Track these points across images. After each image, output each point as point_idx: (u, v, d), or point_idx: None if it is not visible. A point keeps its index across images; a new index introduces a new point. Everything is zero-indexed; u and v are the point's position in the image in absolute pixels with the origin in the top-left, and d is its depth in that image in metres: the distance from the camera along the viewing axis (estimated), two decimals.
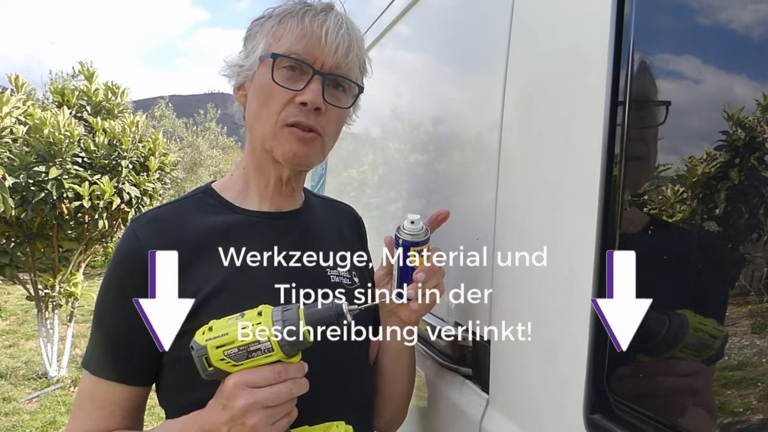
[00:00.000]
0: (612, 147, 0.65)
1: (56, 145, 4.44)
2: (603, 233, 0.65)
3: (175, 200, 1.02)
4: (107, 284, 0.93)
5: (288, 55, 0.91)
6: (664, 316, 0.58)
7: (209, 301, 0.89)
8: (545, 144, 0.82)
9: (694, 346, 0.54)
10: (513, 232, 0.89)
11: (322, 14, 0.94)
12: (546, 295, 0.79)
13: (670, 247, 0.59)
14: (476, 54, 1.11)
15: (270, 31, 0.95)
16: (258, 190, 1.01)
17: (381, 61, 1.88)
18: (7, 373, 5.50)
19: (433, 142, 1.33)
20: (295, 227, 1.02)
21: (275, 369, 0.78)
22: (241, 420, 0.75)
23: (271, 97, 0.92)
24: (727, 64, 0.54)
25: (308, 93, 0.91)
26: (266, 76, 0.92)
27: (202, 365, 0.77)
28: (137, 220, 0.95)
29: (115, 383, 0.91)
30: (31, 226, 4.69)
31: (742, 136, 0.50)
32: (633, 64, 0.63)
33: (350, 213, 1.20)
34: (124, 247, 0.92)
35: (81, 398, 0.94)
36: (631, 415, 0.60)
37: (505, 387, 0.90)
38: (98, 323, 0.95)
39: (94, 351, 0.93)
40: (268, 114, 0.93)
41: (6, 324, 7.47)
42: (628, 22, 0.63)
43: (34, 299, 5.03)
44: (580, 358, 0.67)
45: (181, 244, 0.90)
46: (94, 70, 5.44)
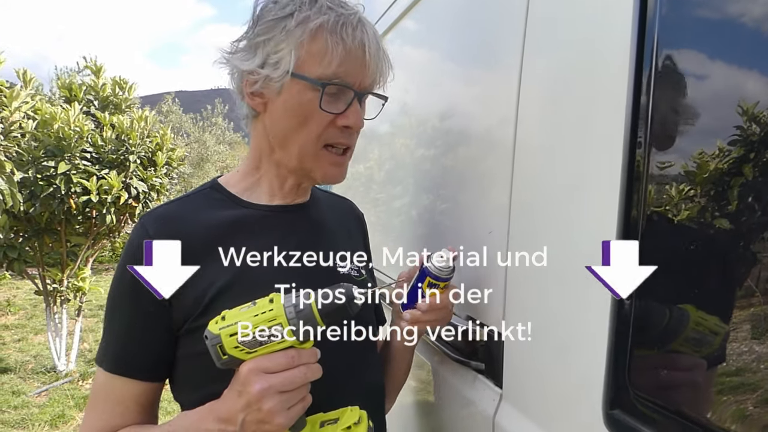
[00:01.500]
0: (633, 141, 0.64)
1: (65, 140, 4.45)
2: (624, 229, 0.64)
3: (183, 196, 1.02)
4: (119, 281, 0.93)
5: (335, 83, 0.89)
6: (686, 310, 0.57)
7: (222, 296, 0.89)
8: (562, 139, 0.81)
9: (717, 341, 0.53)
10: (529, 228, 0.88)
11: (359, 30, 0.90)
12: (562, 290, 0.78)
13: (691, 243, 0.58)
14: (490, 47, 1.10)
15: (300, 42, 0.87)
16: (270, 187, 1.01)
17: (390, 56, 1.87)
18: (16, 367, 5.53)
19: (446, 136, 1.32)
20: (303, 220, 1.02)
21: (289, 354, 0.79)
22: (257, 405, 0.76)
23: (311, 119, 0.90)
24: (749, 59, 0.53)
25: (352, 117, 0.91)
26: (305, 96, 0.89)
27: (216, 354, 0.78)
28: (147, 216, 0.95)
29: (130, 379, 0.91)
30: (40, 220, 4.71)
31: (758, 132, 0.49)
32: (656, 57, 0.62)
33: (353, 209, 1.21)
34: (135, 243, 0.92)
35: (95, 395, 0.94)
36: (653, 410, 0.59)
37: (519, 382, 0.90)
38: (111, 320, 0.95)
39: (107, 348, 0.93)
40: (308, 135, 0.92)
41: (15, 318, 7.52)
42: (651, 14, 0.62)
43: (42, 294, 5.05)
44: (599, 353, 0.66)
45: (191, 239, 0.91)
46: (101, 65, 5.43)
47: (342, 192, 2.43)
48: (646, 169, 0.62)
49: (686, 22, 0.61)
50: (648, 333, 0.62)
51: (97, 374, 0.95)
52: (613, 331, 0.65)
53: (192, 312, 0.89)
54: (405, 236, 1.57)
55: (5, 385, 5.04)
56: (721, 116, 0.55)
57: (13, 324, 7.22)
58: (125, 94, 5.51)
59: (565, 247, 0.78)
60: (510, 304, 0.92)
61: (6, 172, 3.56)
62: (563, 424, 0.77)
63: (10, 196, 3.56)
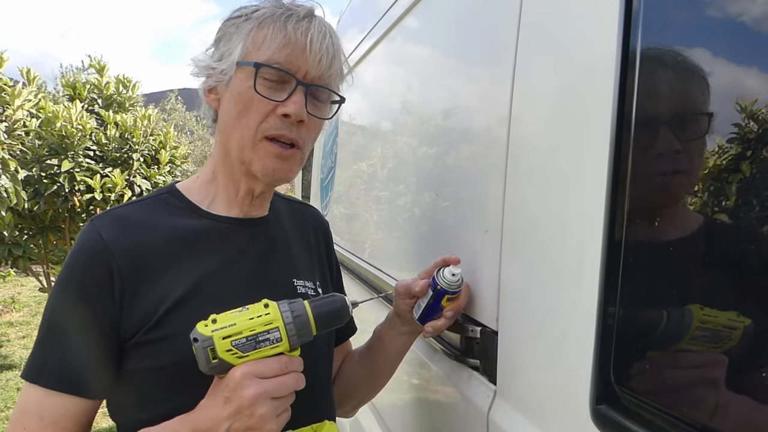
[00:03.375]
0: (620, 140, 0.65)
1: (68, 139, 4.48)
2: (610, 226, 0.66)
3: (139, 200, 0.97)
4: (64, 287, 0.86)
5: (271, 65, 0.86)
6: (669, 308, 0.58)
7: (177, 309, 0.85)
8: (553, 137, 0.82)
9: (699, 339, 0.54)
10: (521, 225, 0.90)
11: (305, 21, 0.89)
12: (553, 287, 0.79)
13: (678, 240, 0.59)
14: (485, 47, 1.11)
15: (248, 34, 0.89)
16: (227, 196, 0.97)
17: (390, 55, 1.88)
18: (21, 363, 5.57)
19: (442, 135, 1.33)
20: (263, 234, 0.99)
21: (282, 360, 0.78)
22: (249, 411, 0.74)
23: (251, 106, 0.88)
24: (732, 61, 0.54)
25: (291, 105, 0.87)
26: (245, 84, 0.88)
27: (206, 357, 0.75)
28: (99, 218, 0.89)
29: (71, 396, 0.83)
30: (44, 218, 4.74)
31: (752, 131, 0.50)
32: (642, 57, 0.63)
33: (316, 218, 1.18)
34: (86, 246, 0.86)
35: (24, 417, 0.83)
36: (637, 405, 0.61)
37: (512, 378, 0.91)
38: (52, 330, 0.86)
39: (46, 361, 0.84)
40: (247, 124, 0.88)
41: (19, 315, 7.56)
42: (636, 14, 0.63)
43: (46, 291, 5.09)
44: (587, 350, 0.68)
45: (147, 245, 0.87)
46: (105, 64, 5.46)
47: (344, 190, 2.45)
48: (630, 166, 0.63)
49: (672, 21, 0.62)
50: (631, 331, 0.63)
51: (27, 393, 0.84)
52: (599, 328, 0.66)
53: (143, 324, 0.84)
54: (401, 235, 1.58)
55: (10, 381, 5.08)
56: (711, 114, 0.56)
57: (17, 321, 7.26)
58: (129, 93, 5.54)
59: (555, 246, 0.79)
60: (504, 303, 0.94)
61: (10, 170, 3.59)
62: (554, 419, 0.78)
63: (14, 193, 3.59)
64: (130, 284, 0.84)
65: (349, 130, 2.49)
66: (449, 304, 1.02)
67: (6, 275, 8.39)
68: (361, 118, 2.28)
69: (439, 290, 1.01)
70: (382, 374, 1.18)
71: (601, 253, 0.66)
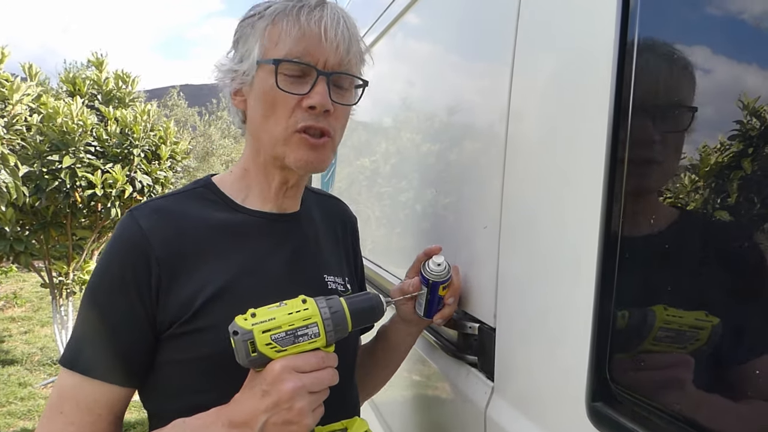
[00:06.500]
0: (617, 138, 0.65)
1: (69, 134, 4.48)
2: (608, 223, 0.65)
3: (176, 191, 0.99)
4: (103, 276, 0.88)
5: (290, 60, 0.87)
6: (660, 308, 0.58)
7: (213, 302, 0.86)
8: (551, 134, 0.82)
9: (691, 337, 0.54)
10: (519, 222, 0.89)
11: (318, 10, 0.89)
12: (551, 285, 0.79)
13: (675, 237, 0.59)
14: (484, 44, 1.11)
15: (264, 32, 0.90)
16: (260, 191, 0.98)
17: (390, 52, 1.88)
18: (23, 358, 5.60)
19: (441, 131, 1.33)
20: (296, 230, 1.01)
21: (319, 355, 0.79)
22: (288, 404, 0.74)
23: (277, 103, 0.88)
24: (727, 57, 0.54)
25: (315, 96, 0.87)
26: (268, 81, 0.88)
27: (246, 350, 0.76)
28: (138, 209, 0.91)
29: (106, 383, 0.85)
30: (45, 214, 4.74)
31: (753, 127, 0.49)
32: (640, 54, 0.63)
33: (344, 212, 1.19)
34: (126, 237, 0.88)
35: (61, 401, 0.85)
36: (632, 402, 0.60)
37: (509, 375, 0.91)
38: (90, 317, 0.87)
39: (83, 348, 0.86)
40: (276, 121, 0.89)
41: (22, 311, 7.59)
42: (634, 9, 0.63)
43: (48, 286, 5.10)
44: (583, 347, 0.67)
45: (184, 237, 0.89)
46: (103, 59, 5.44)
47: (346, 186, 2.45)
48: (627, 164, 0.63)
49: (669, 19, 0.61)
50: (626, 329, 0.63)
51: (64, 378, 0.86)
52: (595, 325, 0.66)
53: (180, 315, 0.85)
54: (400, 231, 1.58)
55: (12, 376, 5.10)
56: (709, 112, 0.56)
57: (19, 316, 7.29)
58: (128, 88, 5.53)
59: (553, 243, 0.79)
60: (502, 300, 0.94)
61: (10, 166, 3.59)
62: (550, 415, 0.78)
63: (15, 189, 3.59)
64: (167, 274, 0.86)
65: (349, 126, 2.48)
66: (446, 291, 1.03)
67: (8, 270, 8.42)
68: (360, 114, 2.27)
69: (432, 283, 1.02)
70: (387, 370, 1.20)
71: (598, 250, 0.66)
